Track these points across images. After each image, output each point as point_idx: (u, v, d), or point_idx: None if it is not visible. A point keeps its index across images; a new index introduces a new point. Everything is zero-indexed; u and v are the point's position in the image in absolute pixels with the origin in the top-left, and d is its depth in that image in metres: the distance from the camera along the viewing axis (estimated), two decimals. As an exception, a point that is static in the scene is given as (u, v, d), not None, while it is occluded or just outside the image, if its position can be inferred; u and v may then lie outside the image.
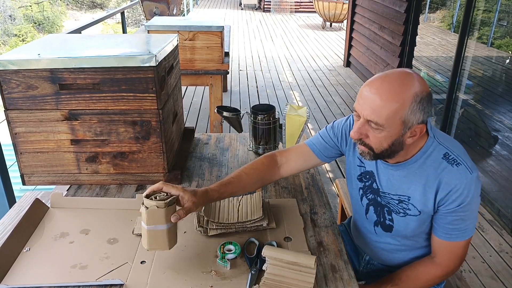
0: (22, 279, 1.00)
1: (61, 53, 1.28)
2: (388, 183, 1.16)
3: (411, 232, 1.17)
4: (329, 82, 6.16)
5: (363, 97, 1.01)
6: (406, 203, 1.13)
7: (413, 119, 0.98)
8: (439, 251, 1.15)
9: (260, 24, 12.18)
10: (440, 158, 1.06)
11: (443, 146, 1.08)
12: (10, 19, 17.53)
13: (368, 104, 0.99)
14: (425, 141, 1.08)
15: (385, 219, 1.21)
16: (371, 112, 0.98)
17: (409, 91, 0.96)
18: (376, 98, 0.97)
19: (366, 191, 1.23)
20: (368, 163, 1.21)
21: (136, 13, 17.65)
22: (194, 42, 2.86)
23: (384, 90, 0.97)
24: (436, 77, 4.94)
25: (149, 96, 1.30)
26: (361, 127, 1.02)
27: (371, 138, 1.03)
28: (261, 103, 1.68)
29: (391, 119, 0.97)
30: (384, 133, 1.00)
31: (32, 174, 1.40)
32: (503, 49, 4.61)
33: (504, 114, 3.59)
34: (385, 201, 1.18)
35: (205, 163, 1.61)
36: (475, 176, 1.04)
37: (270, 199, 1.34)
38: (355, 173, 1.26)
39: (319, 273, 1.03)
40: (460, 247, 1.12)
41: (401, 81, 0.97)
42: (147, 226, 0.98)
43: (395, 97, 0.96)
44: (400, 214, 1.16)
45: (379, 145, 1.03)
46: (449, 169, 1.04)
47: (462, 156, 1.07)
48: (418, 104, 0.96)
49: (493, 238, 2.60)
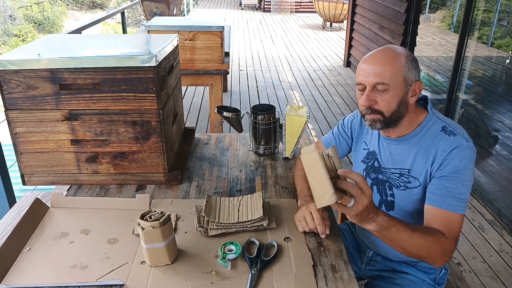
0: (22, 279, 1.00)
1: (61, 53, 1.28)
2: (390, 158, 1.24)
3: (412, 207, 1.21)
4: (329, 82, 6.17)
5: (363, 69, 1.12)
6: (406, 176, 1.20)
7: (411, 76, 1.11)
8: (433, 221, 1.08)
9: (260, 24, 12.18)
10: (439, 130, 1.16)
11: (441, 120, 1.18)
12: (10, 19, 17.54)
13: (371, 71, 1.10)
14: (425, 117, 1.18)
15: (387, 196, 1.26)
16: (375, 76, 1.09)
17: (400, 54, 1.11)
18: (376, 66, 1.10)
19: (369, 171, 1.31)
20: (372, 143, 1.30)
21: (136, 13, 17.66)
22: (194, 42, 2.86)
23: (380, 58, 1.12)
24: (436, 77, 4.94)
25: (149, 96, 1.30)
26: (369, 94, 1.12)
27: (380, 102, 1.12)
28: (261, 103, 1.68)
29: (394, 77, 1.09)
30: (391, 92, 1.10)
31: (32, 174, 1.40)
32: (503, 49, 4.61)
33: (504, 114, 3.59)
34: (386, 177, 1.25)
35: (205, 163, 1.61)
36: (470, 146, 1.11)
37: (270, 199, 1.34)
38: (360, 157, 1.35)
39: (319, 273, 1.03)
40: (455, 220, 1.07)
41: (391, 50, 1.12)
42: (146, 245, 1.01)
43: (392, 60, 1.10)
44: (401, 188, 1.22)
45: (388, 106, 1.12)
46: (446, 139, 1.13)
47: (459, 129, 1.15)
48: (411, 62, 1.11)
49: (493, 238, 2.60)
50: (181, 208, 1.30)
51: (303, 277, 1.01)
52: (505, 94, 3.85)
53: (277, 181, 1.47)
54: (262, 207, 1.22)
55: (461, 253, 2.45)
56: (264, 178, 1.50)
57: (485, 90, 4.02)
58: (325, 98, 5.43)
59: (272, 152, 1.68)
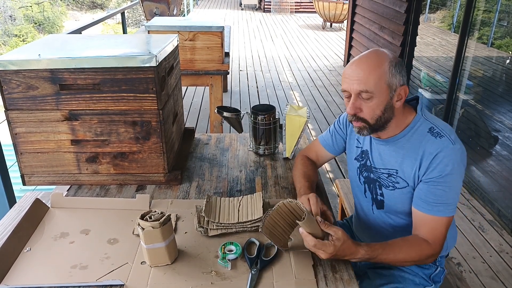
0: (23, 279, 1.00)
1: (61, 54, 1.28)
2: (379, 158, 1.25)
3: (401, 207, 1.22)
4: (329, 82, 6.17)
5: (348, 76, 1.12)
6: (394, 176, 1.21)
7: (395, 81, 1.11)
8: (421, 226, 1.14)
9: (260, 24, 12.19)
10: (426, 132, 1.16)
11: (429, 121, 1.18)
12: (11, 20, 17.54)
13: (355, 79, 1.10)
14: (413, 118, 1.18)
15: (377, 195, 1.28)
16: (359, 84, 1.09)
17: (384, 60, 1.10)
18: (360, 72, 1.10)
19: (362, 170, 1.32)
20: (365, 143, 1.31)
21: (136, 13, 17.66)
22: (194, 42, 2.86)
23: (364, 64, 1.11)
24: (436, 77, 4.93)
25: (149, 96, 1.30)
26: (354, 102, 1.12)
27: (365, 110, 1.12)
28: (261, 103, 1.68)
29: (378, 84, 1.09)
30: (375, 100, 1.10)
31: (33, 174, 1.41)
32: (503, 49, 4.61)
33: (504, 114, 3.58)
34: (376, 176, 1.26)
35: (205, 164, 1.61)
36: (457, 148, 1.11)
37: (270, 199, 1.34)
38: (353, 155, 1.36)
39: (319, 273, 1.03)
40: (442, 224, 1.12)
41: (375, 55, 1.12)
42: (146, 245, 1.01)
43: (375, 67, 1.09)
44: (390, 188, 1.23)
45: (373, 113, 1.12)
46: (432, 141, 1.13)
47: (446, 130, 1.15)
48: (394, 68, 1.10)
49: (493, 238, 2.60)
50: (181, 208, 1.30)
51: (303, 277, 1.01)
52: (505, 94, 3.85)
53: (277, 181, 1.47)
54: (262, 207, 1.22)
55: (461, 253, 2.45)
56: (264, 178, 1.50)
57: (485, 90, 4.02)
58: (325, 98, 5.43)
59: (272, 152, 1.68)
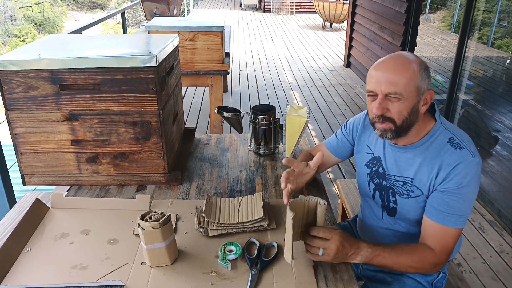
0: (23, 280, 1.00)
1: (61, 54, 1.28)
2: (395, 165, 1.22)
3: (414, 215, 1.20)
4: (329, 82, 6.17)
5: (375, 76, 1.09)
6: (409, 184, 1.19)
7: (424, 85, 1.08)
8: (430, 235, 1.13)
9: (260, 25, 12.19)
10: (445, 142, 1.13)
11: (449, 131, 1.15)
12: (11, 20, 17.54)
13: (383, 80, 1.07)
14: (433, 126, 1.16)
15: (389, 202, 1.25)
16: (388, 85, 1.06)
17: (413, 62, 1.08)
18: (389, 74, 1.07)
19: (373, 176, 1.29)
20: (377, 149, 1.28)
21: (137, 13, 17.67)
22: (194, 42, 2.86)
23: (393, 66, 1.08)
24: (436, 77, 4.93)
25: (150, 96, 1.30)
26: (381, 103, 1.09)
27: (392, 110, 1.09)
28: (261, 104, 1.69)
29: (407, 87, 1.06)
30: (403, 101, 1.08)
31: (33, 174, 1.41)
32: (503, 49, 4.61)
33: (504, 115, 3.58)
34: (390, 183, 1.24)
35: (205, 164, 1.61)
36: (476, 161, 1.09)
37: (270, 200, 1.34)
38: (363, 161, 1.33)
39: (319, 273, 1.03)
40: (451, 235, 1.10)
41: (404, 57, 1.09)
42: (146, 246, 1.01)
43: (405, 69, 1.06)
44: (404, 196, 1.20)
45: (400, 114, 1.09)
46: (451, 151, 1.11)
47: (467, 141, 1.12)
48: (424, 71, 1.08)
49: (493, 238, 2.60)
50: (181, 208, 1.30)
51: (303, 278, 1.01)
52: (505, 94, 3.85)
53: (277, 182, 1.47)
54: (262, 207, 1.22)
55: (461, 253, 2.45)
56: (264, 179, 1.50)
57: (485, 91, 4.02)
58: (325, 99, 5.43)
59: (272, 153, 1.68)
